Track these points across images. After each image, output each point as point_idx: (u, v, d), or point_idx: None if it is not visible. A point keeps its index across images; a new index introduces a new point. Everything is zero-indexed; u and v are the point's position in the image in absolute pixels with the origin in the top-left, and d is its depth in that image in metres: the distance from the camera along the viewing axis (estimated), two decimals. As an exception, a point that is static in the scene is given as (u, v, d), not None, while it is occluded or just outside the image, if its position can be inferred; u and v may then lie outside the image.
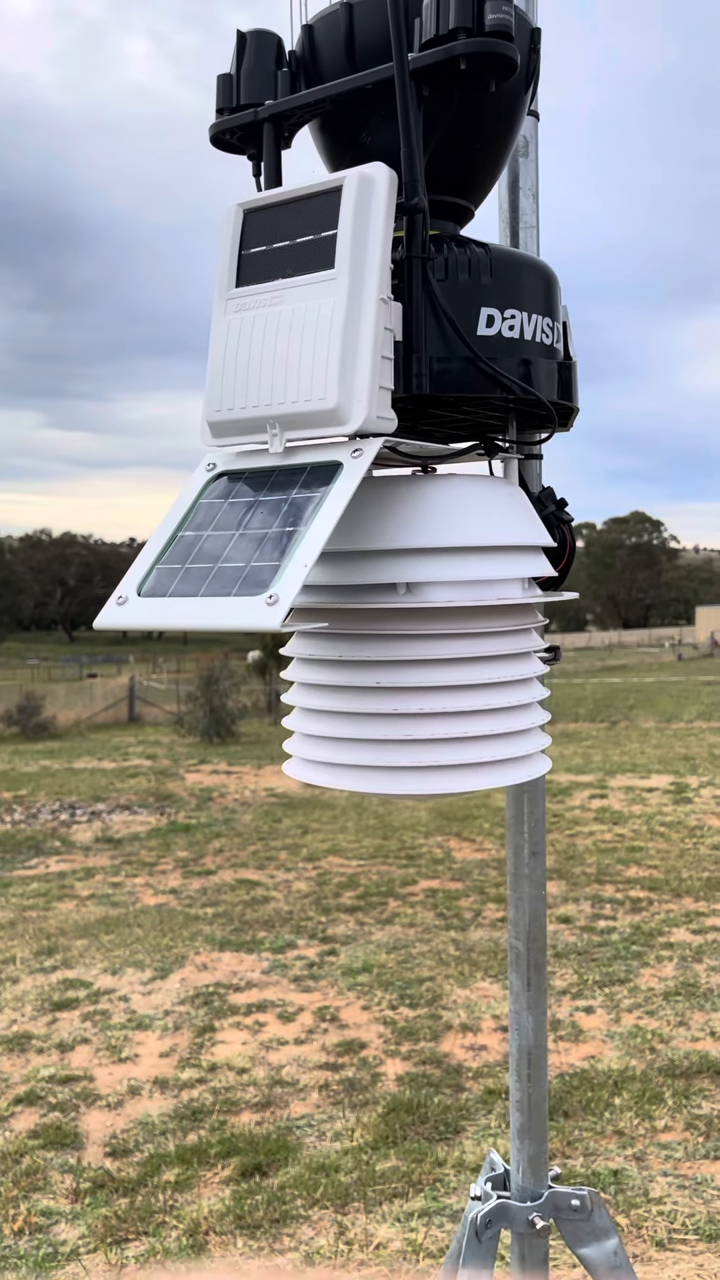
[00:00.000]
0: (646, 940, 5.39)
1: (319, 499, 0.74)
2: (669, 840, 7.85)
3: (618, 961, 5.06)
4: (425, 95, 0.81)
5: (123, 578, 0.78)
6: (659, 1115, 3.51)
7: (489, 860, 7.37)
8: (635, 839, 7.92)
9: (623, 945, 5.31)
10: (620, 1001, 4.56)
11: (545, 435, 0.95)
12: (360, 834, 8.50)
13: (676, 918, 5.78)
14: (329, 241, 0.78)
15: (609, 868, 7.01)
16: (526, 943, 1.09)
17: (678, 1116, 3.51)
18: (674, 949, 5.24)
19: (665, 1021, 4.31)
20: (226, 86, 0.90)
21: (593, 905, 6.08)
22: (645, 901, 6.14)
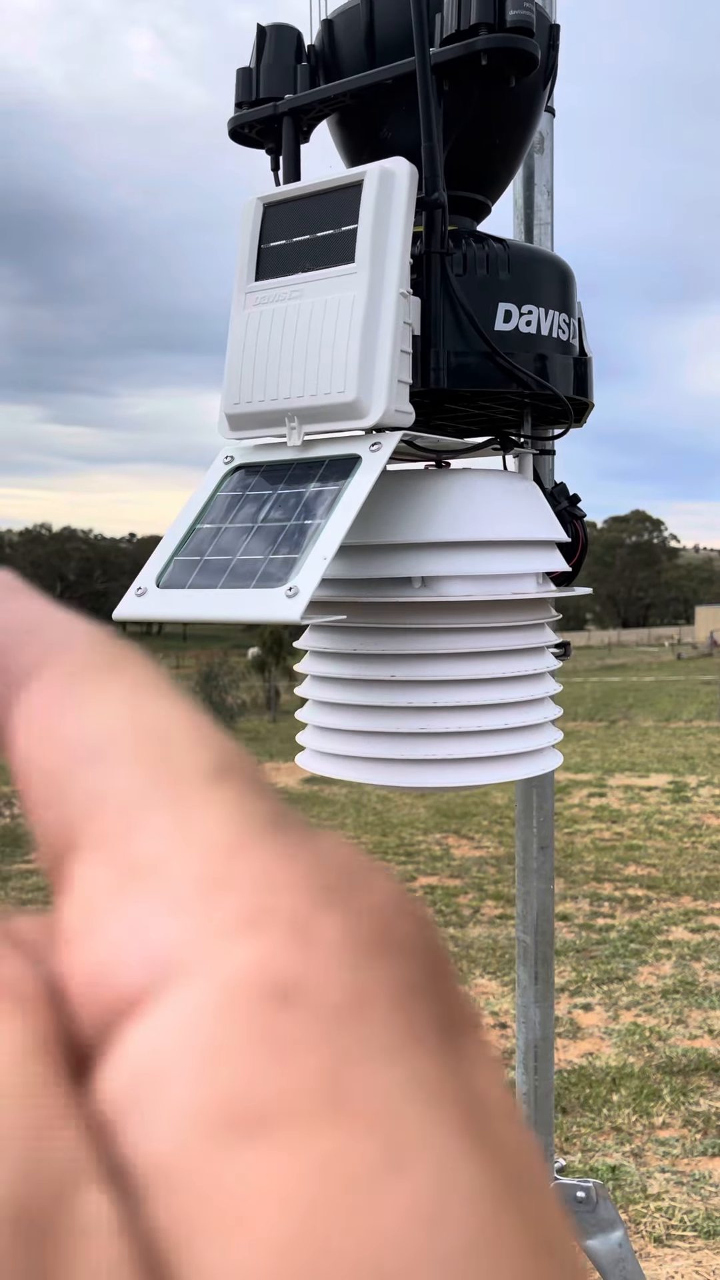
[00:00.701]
0: (645, 938, 5.40)
1: (338, 492, 0.75)
2: (667, 839, 7.87)
3: (616, 959, 5.08)
4: (445, 90, 0.82)
5: (141, 570, 0.79)
6: (657, 1112, 3.52)
7: (487, 857, 7.38)
8: (634, 837, 7.93)
9: (621, 943, 5.32)
10: (618, 999, 4.57)
11: (560, 430, 0.96)
12: (359, 830, 8.51)
13: (675, 916, 5.79)
14: (349, 236, 0.78)
15: (607, 866, 7.02)
16: (534, 937, 1.10)
17: (675, 1113, 3.52)
18: (672, 947, 5.25)
19: (663, 1019, 4.32)
20: (246, 80, 0.90)
21: (591, 903, 6.09)
22: (643, 900, 6.15)
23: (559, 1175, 1.15)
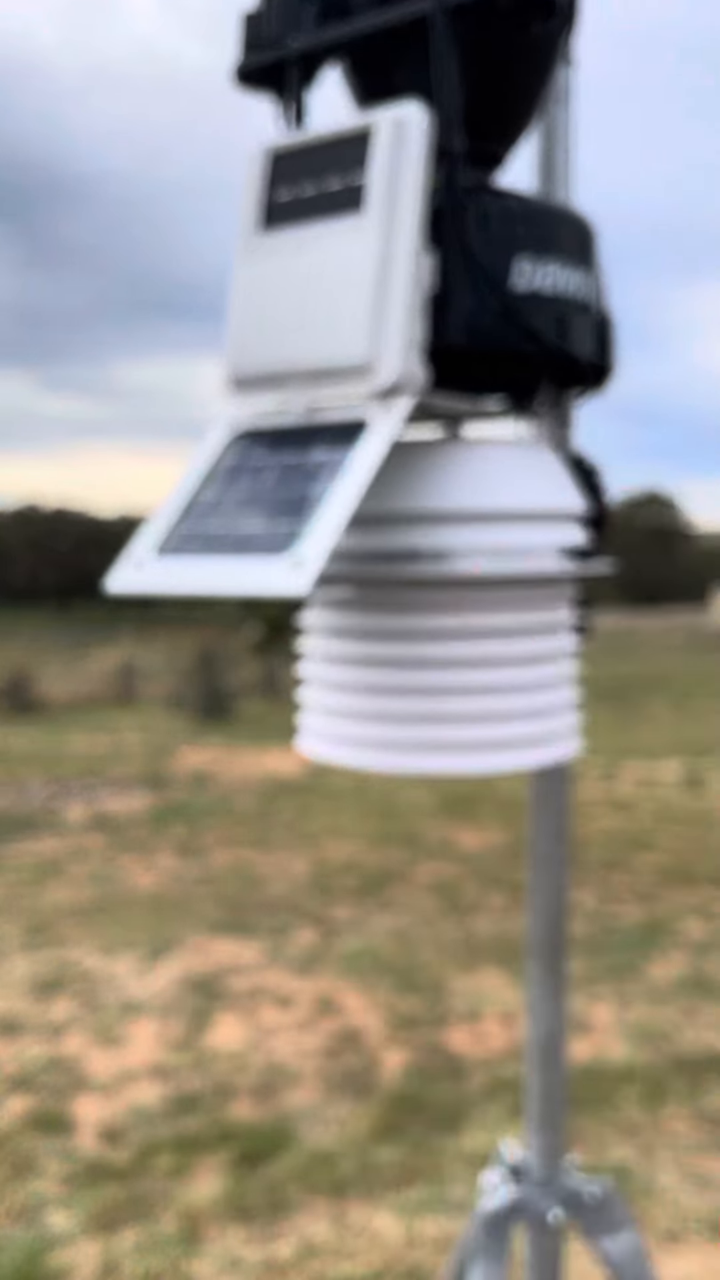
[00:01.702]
0: (656, 930, 5.36)
1: (347, 459, 0.70)
2: (679, 828, 7.83)
3: (626, 952, 5.04)
4: (461, 34, 0.77)
5: (136, 540, 0.74)
6: (666, 1109, 3.49)
7: (493, 846, 7.35)
8: (645, 826, 7.90)
9: (631, 935, 5.28)
10: (628, 993, 4.53)
11: (579, 395, 0.91)
12: (361, 817, 8.48)
13: (686, 908, 5.75)
14: (360, 187, 0.73)
15: (618, 855, 6.99)
16: (548, 929, 1.05)
17: (685, 1110, 3.48)
18: (684, 939, 5.21)
19: (674, 1014, 4.28)
20: (254, 22, 0.85)
21: (601, 893, 6.06)
22: (655, 890, 6.11)
23: (570, 1173, 1.11)
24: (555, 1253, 1.11)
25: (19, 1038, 4.21)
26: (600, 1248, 1.10)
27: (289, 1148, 3.29)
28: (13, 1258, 2.76)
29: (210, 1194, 3.04)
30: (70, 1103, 3.65)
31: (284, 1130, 3.40)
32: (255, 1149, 3.28)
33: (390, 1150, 3.25)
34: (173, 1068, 3.90)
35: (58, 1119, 3.53)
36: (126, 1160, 3.26)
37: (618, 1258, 1.09)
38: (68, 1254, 2.78)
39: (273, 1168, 3.18)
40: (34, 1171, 3.21)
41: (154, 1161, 3.25)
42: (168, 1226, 2.89)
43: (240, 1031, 4.23)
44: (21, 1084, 3.79)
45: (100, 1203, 3.01)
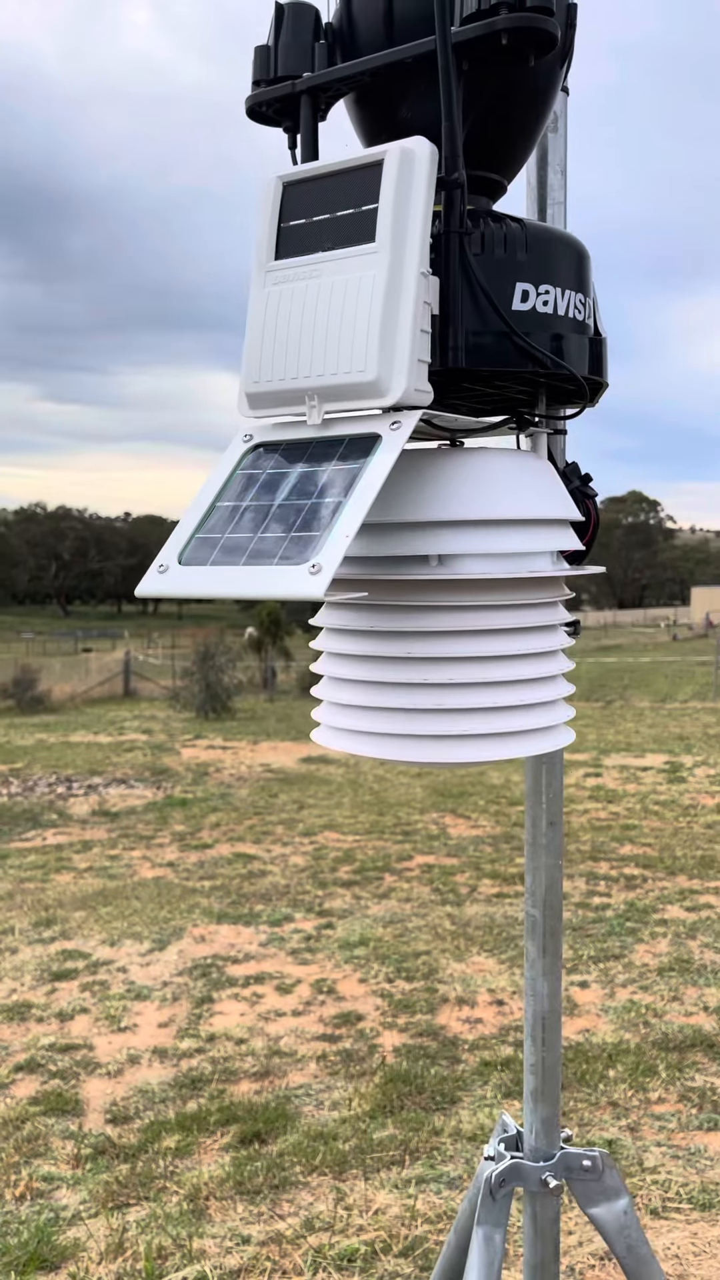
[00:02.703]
0: (641, 917, 5.44)
1: (358, 470, 0.75)
2: (663, 819, 7.92)
3: (612, 937, 5.12)
4: (465, 69, 0.82)
5: (163, 547, 0.80)
6: (653, 1087, 3.56)
7: (484, 836, 7.42)
8: (630, 817, 7.98)
9: (617, 921, 5.36)
10: (615, 976, 4.61)
11: (575, 410, 0.97)
12: (356, 810, 8.55)
13: (670, 895, 5.84)
14: (370, 215, 0.78)
15: (604, 845, 7.07)
16: (543, 910, 1.11)
17: (671, 1089, 3.56)
18: (668, 925, 5.29)
19: (659, 996, 4.36)
20: (264, 58, 0.90)
21: (588, 882, 6.13)
22: (639, 879, 6.19)
23: (565, 1145, 1.17)
24: (553, 1219, 1.17)
25: (28, 1024, 4.27)
26: (593, 1216, 1.16)
27: (290, 1127, 3.36)
28: (24, 1236, 2.83)
29: (215, 1173, 3.11)
30: (79, 1086, 3.72)
31: (285, 1111, 3.47)
32: (257, 1129, 3.35)
33: (388, 1129, 3.32)
34: (177, 1051, 3.97)
35: (67, 1101, 3.59)
36: (133, 1141, 3.33)
37: (611, 1225, 1.15)
38: (77, 1232, 2.85)
39: (274, 1147, 3.25)
40: (44, 1152, 3.28)
41: (160, 1142, 3.31)
42: (174, 1204, 2.96)
43: (242, 1016, 4.30)
44: (31, 1068, 3.86)
45: (108, 1182, 3.08)
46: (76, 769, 11.10)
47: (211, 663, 16.59)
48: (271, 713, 16.95)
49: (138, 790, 9.82)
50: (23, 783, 10.27)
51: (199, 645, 17.45)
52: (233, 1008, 4.41)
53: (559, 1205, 1.17)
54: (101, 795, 9.54)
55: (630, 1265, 1.12)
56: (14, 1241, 2.82)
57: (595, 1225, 1.14)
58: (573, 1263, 2.62)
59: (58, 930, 5.50)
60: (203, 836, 7.76)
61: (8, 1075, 3.83)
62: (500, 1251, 1.09)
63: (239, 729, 14.63)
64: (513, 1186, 1.14)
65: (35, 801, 9.28)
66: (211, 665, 16.57)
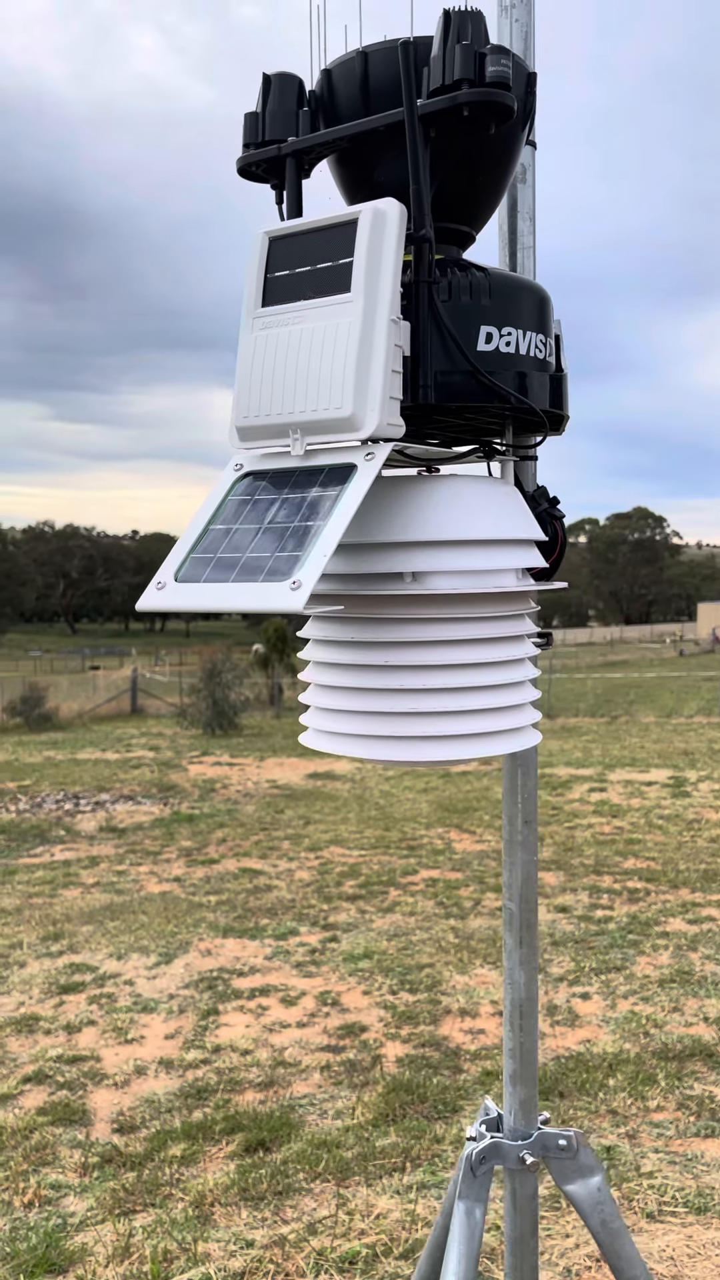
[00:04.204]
0: (643, 929, 5.49)
1: (336, 496, 0.84)
2: (667, 833, 7.96)
3: (614, 950, 5.17)
4: (432, 136, 0.91)
5: (160, 566, 0.88)
6: (652, 1096, 3.61)
7: (489, 851, 7.47)
8: (633, 831, 8.03)
9: (619, 934, 5.41)
10: (616, 988, 4.66)
11: (538, 440, 1.05)
12: (362, 825, 8.61)
13: (673, 908, 5.89)
14: (346, 268, 0.87)
15: (607, 859, 7.12)
16: (519, 904, 1.19)
17: (670, 1097, 3.61)
18: (670, 938, 5.34)
19: (660, 1007, 4.41)
20: (253, 124, 0.99)
21: (590, 895, 6.19)
22: (642, 892, 6.24)
23: (542, 1127, 1.24)
24: (531, 1195, 1.24)
25: (36, 1036, 4.34)
26: (569, 1193, 1.23)
27: (294, 1136, 3.42)
28: (33, 1241, 2.89)
29: (220, 1179, 3.17)
30: (86, 1096, 3.78)
31: (289, 1119, 3.53)
32: (262, 1137, 3.41)
33: (390, 1137, 3.38)
34: (183, 1062, 4.03)
35: (74, 1111, 3.66)
36: (140, 1149, 3.39)
37: (586, 1201, 1.22)
38: (84, 1237, 2.91)
39: (279, 1154, 3.31)
40: (52, 1161, 3.34)
41: (166, 1150, 3.38)
42: (179, 1210, 3.02)
43: (247, 1028, 4.36)
44: (39, 1079, 3.93)
45: (115, 1189, 3.14)
46: (84, 786, 11.19)
47: (218, 679, 16.69)
48: (278, 729, 17.03)
49: (145, 806, 9.90)
50: (31, 800, 10.36)
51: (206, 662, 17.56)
52: (238, 1019, 4.48)
53: (536, 1182, 1.24)
54: (109, 812, 9.62)
55: (604, 1239, 1.19)
56: (23, 1246, 2.89)
57: (571, 1201, 1.21)
58: (570, 1264, 2.67)
59: (65, 944, 5.57)
60: (209, 852, 7.83)
61: (16, 1086, 3.89)
62: (480, 1226, 1.16)
63: (246, 745, 14.70)
64: (493, 1165, 1.21)
65: (43, 818, 9.36)
66: (218, 682, 16.67)
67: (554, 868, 6.92)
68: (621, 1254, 1.18)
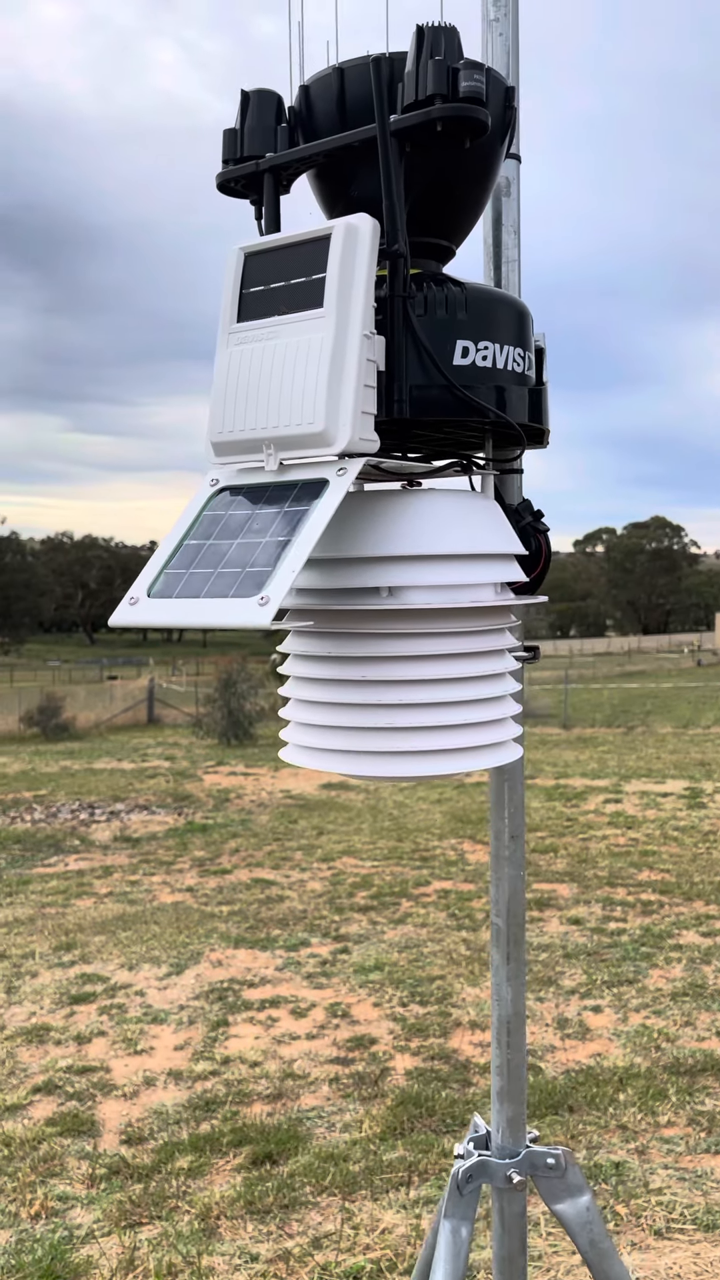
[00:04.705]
0: (656, 942, 5.45)
1: (307, 511, 0.84)
2: (682, 845, 7.90)
3: (627, 962, 5.13)
4: (407, 151, 0.91)
5: (136, 580, 0.88)
6: (662, 1111, 3.58)
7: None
8: (648, 843, 7.97)
9: (632, 947, 5.37)
10: (628, 1001, 4.62)
11: (517, 453, 1.05)
12: (375, 836, 8.59)
13: (687, 920, 5.84)
14: (319, 283, 0.87)
15: (621, 871, 7.07)
16: (506, 919, 1.18)
17: (681, 1112, 3.57)
18: (683, 951, 5.30)
19: (672, 1021, 4.38)
20: (231, 140, 0.99)
21: (604, 908, 6.14)
22: (656, 904, 6.20)
23: (530, 1145, 1.23)
24: (520, 1214, 1.23)
25: (47, 1046, 4.35)
26: (558, 1212, 1.21)
27: (301, 1149, 3.41)
28: (38, 1254, 2.89)
29: (226, 1193, 3.16)
30: (95, 1107, 3.78)
31: (297, 1132, 3.52)
32: (269, 1150, 3.40)
33: (397, 1150, 3.36)
34: (192, 1074, 4.03)
35: (83, 1122, 3.66)
36: (147, 1161, 3.38)
37: (575, 1221, 1.21)
38: (90, 1250, 2.91)
39: (286, 1167, 3.30)
40: (60, 1172, 3.34)
41: (173, 1162, 3.37)
42: (185, 1223, 3.01)
43: (256, 1039, 4.35)
44: (49, 1090, 3.93)
45: (122, 1201, 3.14)
46: (99, 795, 11.22)
47: (234, 689, 16.71)
48: (294, 740, 16.98)
49: (159, 816, 9.91)
50: (46, 809, 10.39)
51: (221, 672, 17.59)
52: (248, 1031, 4.47)
53: (524, 1201, 1.23)
54: (123, 821, 9.64)
55: (593, 1259, 1.18)
56: (28, 1259, 2.88)
57: (560, 1221, 1.20)
58: (576, 1282, 2.65)
59: (77, 954, 5.58)
60: (222, 862, 7.83)
61: (26, 1096, 3.89)
62: (466, 1245, 1.15)
63: (261, 755, 14.71)
64: (480, 1183, 1.20)
65: (58, 828, 9.39)
66: (234, 692, 16.69)
67: (568, 879, 6.88)
68: (610, 1274, 1.17)
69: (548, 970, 5.06)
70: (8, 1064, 4.19)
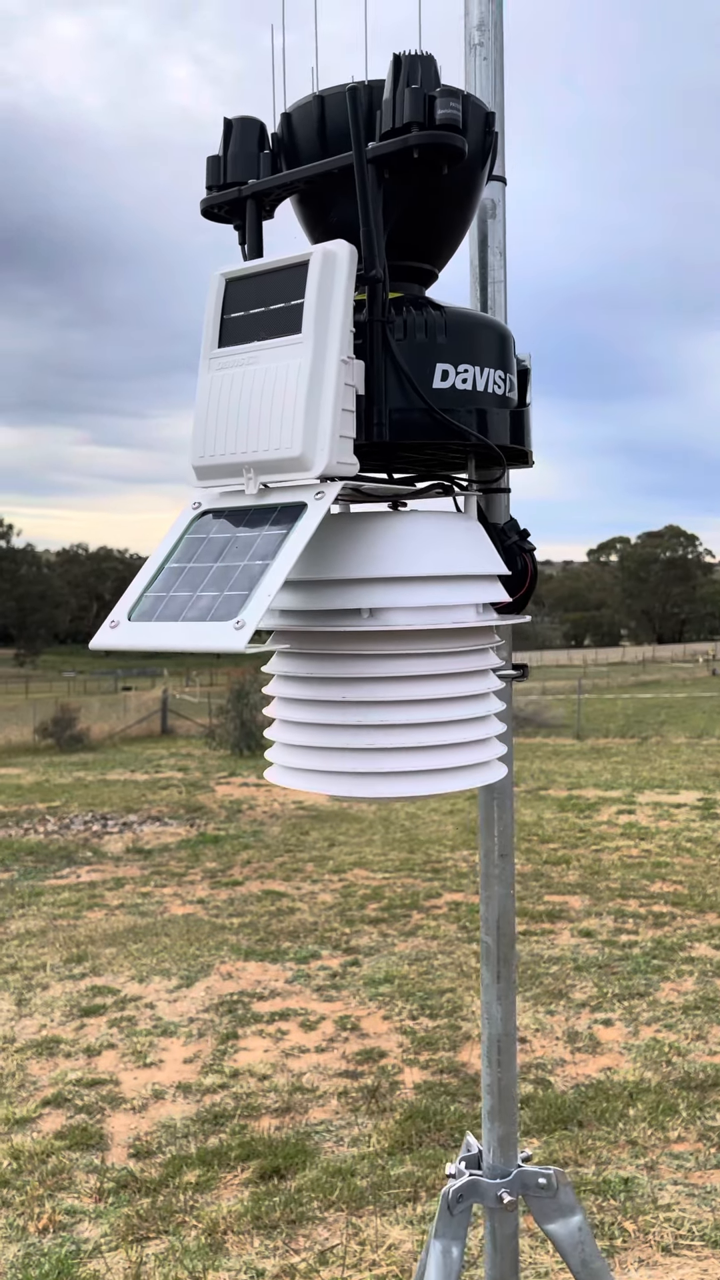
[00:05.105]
0: (668, 955, 5.42)
1: (285, 535, 0.85)
2: (695, 856, 7.85)
3: (638, 975, 5.10)
4: (386, 178, 0.92)
5: (117, 604, 0.89)
6: (672, 1126, 3.56)
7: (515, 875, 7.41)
8: (661, 854, 7.93)
9: (644, 959, 5.34)
10: (639, 1015, 4.60)
11: (499, 474, 1.05)
12: (386, 847, 8.57)
13: (699, 933, 5.80)
14: (297, 309, 0.88)
15: (634, 883, 7.03)
16: (496, 938, 1.18)
17: (691, 1128, 3.55)
18: (695, 964, 5.26)
19: (683, 1035, 4.35)
20: (215, 167, 1.01)
21: (616, 920, 6.11)
22: (668, 916, 6.16)
23: (522, 1164, 1.22)
24: (512, 1235, 1.23)
25: (57, 1059, 4.35)
26: (550, 1231, 1.21)
27: (309, 1163, 3.40)
28: (45, 1268, 2.89)
29: (233, 1207, 3.15)
30: (104, 1121, 3.78)
31: (305, 1147, 3.51)
32: (277, 1164, 3.39)
33: (405, 1165, 3.35)
34: (201, 1087, 4.02)
35: (92, 1136, 3.66)
36: (155, 1175, 3.38)
37: (566, 1241, 1.20)
38: (97, 1264, 2.91)
39: (293, 1182, 3.29)
40: (68, 1186, 3.34)
41: (181, 1176, 3.37)
42: (192, 1238, 3.01)
43: (266, 1052, 4.34)
44: (58, 1103, 3.93)
45: (129, 1216, 3.13)
46: (112, 807, 11.24)
47: (246, 700, 16.73)
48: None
49: (171, 828, 9.92)
50: (59, 821, 10.42)
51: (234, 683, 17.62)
52: (257, 1044, 4.46)
53: (517, 1221, 1.23)
54: (136, 833, 9.65)
55: (585, 1278, 1.17)
56: (35, 1274, 2.89)
57: (552, 1241, 1.19)
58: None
59: (88, 966, 5.58)
60: (233, 874, 7.83)
61: (35, 1110, 3.90)
62: (457, 1265, 1.15)
63: (274, 767, 14.71)
64: (471, 1203, 1.19)
65: (71, 839, 9.41)
66: (246, 703, 16.71)
67: (580, 891, 6.85)
68: (602, 1296, 1.16)
69: (558, 983, 5.04)
70: (17, 1077, 4.20)
